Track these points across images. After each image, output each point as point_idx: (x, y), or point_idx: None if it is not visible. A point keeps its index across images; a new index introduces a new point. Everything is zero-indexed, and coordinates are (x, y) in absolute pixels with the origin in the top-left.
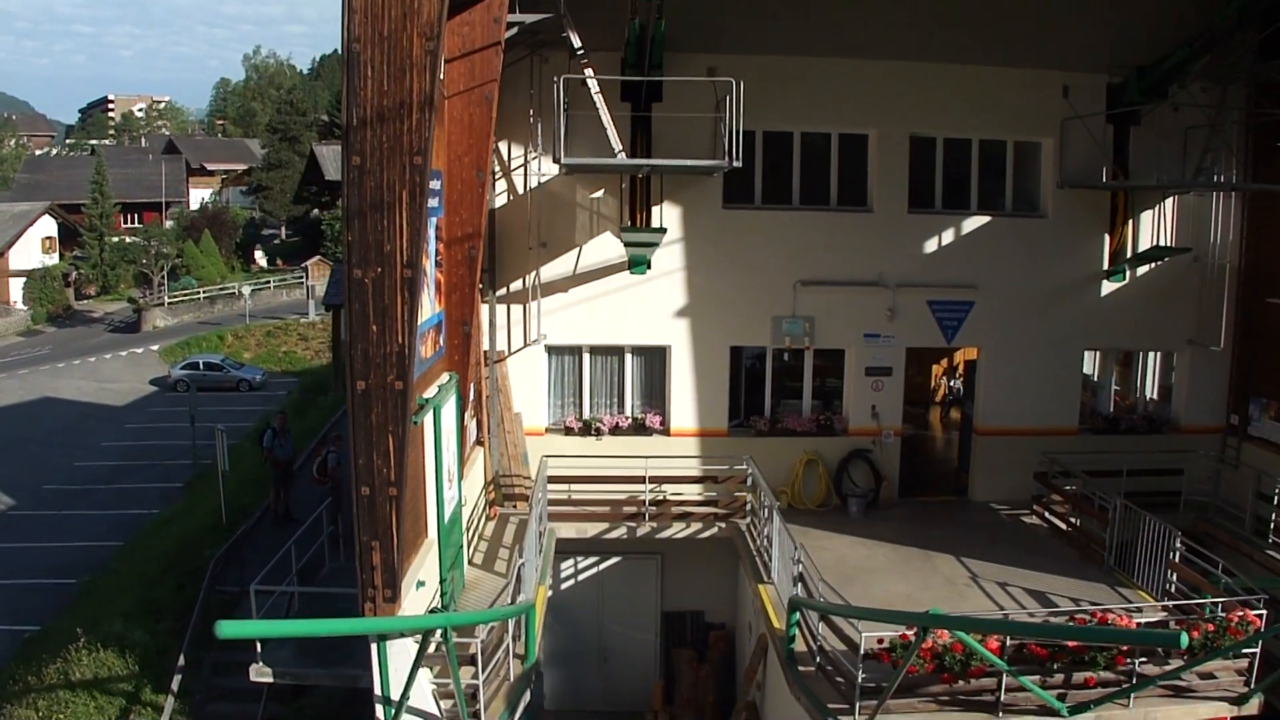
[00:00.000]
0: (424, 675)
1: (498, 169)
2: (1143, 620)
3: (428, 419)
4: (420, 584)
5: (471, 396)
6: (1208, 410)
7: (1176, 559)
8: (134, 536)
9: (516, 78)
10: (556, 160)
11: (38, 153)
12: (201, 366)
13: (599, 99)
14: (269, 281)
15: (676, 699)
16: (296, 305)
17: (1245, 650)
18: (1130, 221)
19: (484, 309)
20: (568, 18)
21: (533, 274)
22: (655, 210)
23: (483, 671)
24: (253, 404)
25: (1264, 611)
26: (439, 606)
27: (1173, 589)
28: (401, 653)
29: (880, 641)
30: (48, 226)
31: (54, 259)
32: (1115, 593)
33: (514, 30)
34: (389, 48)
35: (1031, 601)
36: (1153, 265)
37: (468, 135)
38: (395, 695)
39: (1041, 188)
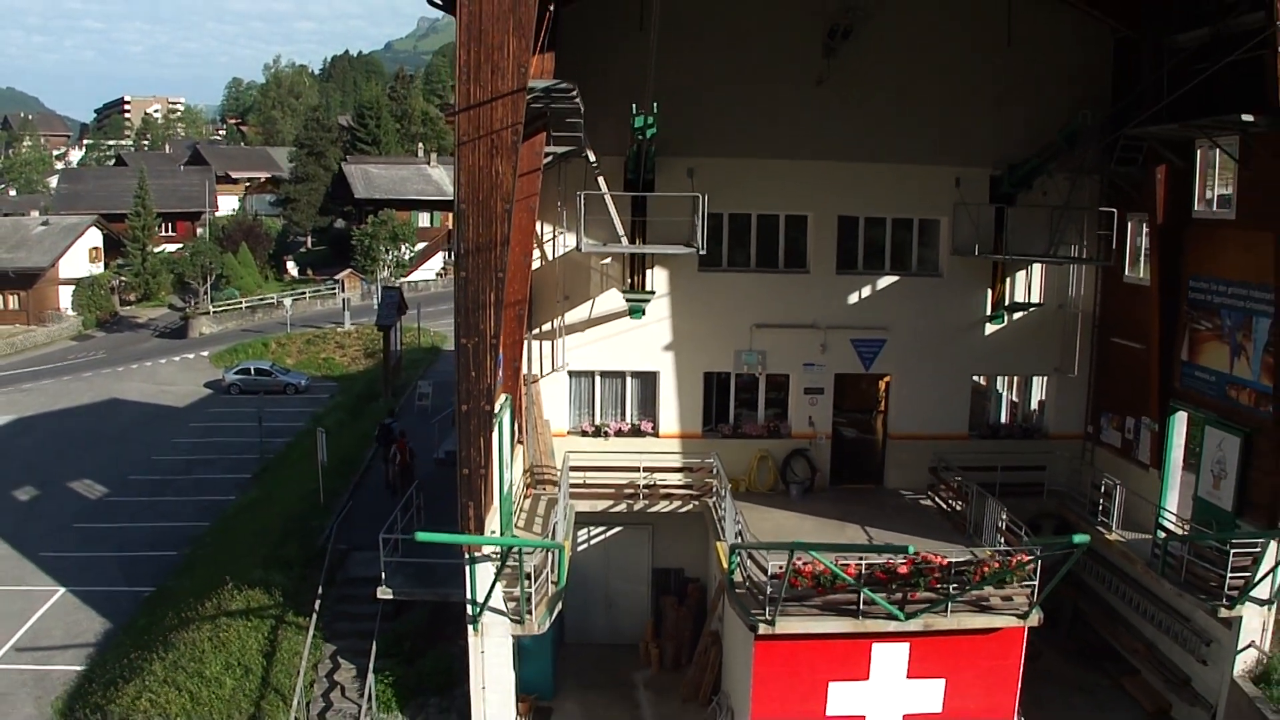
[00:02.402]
0: (497, 587)
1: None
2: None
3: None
4: (492, 532)
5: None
6: (1070, 422)
7: (1004, 528)
8: (220, 518)
9: (547, 177)
10: (578, 248)
11: (55, 153)
12: (253, 372)
13: (609, 201)
14: (304, 292)
15: (663, 632)
16: (331, 314)
17: (1026, 583)
18: (1007, 279)
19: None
20: (587, 143)
21: (559, 318)
22: (649, 273)
23: (533, 584)
24: (300, 406)
25: (1039, 558)
26: None
27: (1000, 548)
28: (482, 572)
29: (780, 568)
30: (94, 237)
31: (99, 268)
32: (969, 551)
33: (549, 158)
34: (482, 208)
35: None
36: (1025, 311)
37: (518, 232)
38: (480, 599)
39: (939, 254)
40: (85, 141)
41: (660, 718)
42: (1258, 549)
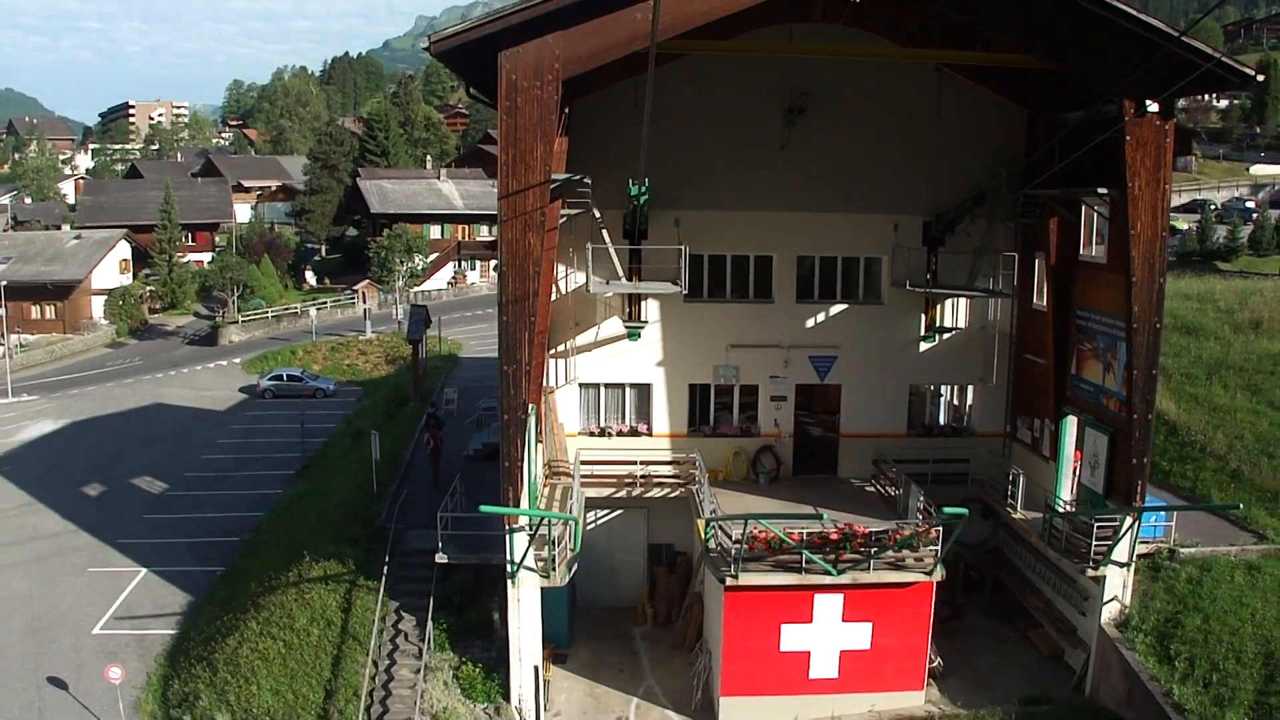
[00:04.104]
0: (530, 550)
1: None
2: (879, 528)
3: None
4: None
5: None
6: (992, 422)
7: (921, 506)
8: (273, 508)
9: (561, 229)
10: (587, 287)
11: (61, 157)
12: (285, 378)
13: (611, 250)
14: (326, 302)
15: (656, 595)
16: (351, 323)
17: (929, 546)
18: (938, 306)
19: None
20: (595, 205)
21: (571, 341)
22: (643, 304)
23: (557, 548)
24: (329, 409)
25: (942, 528)
26: None
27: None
28: (519, 540)
29: (741, 534)
30: (123, 249)
31: (128, 278)
32: (894, 524)
33: (564, 218)
34: (518, 271)
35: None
36: (952, 332)
37: (542, 279)
38: (518, 559)
39: (881, 286)
40: (91, 146)
41: (654, 661)
42: (1116, 522)
